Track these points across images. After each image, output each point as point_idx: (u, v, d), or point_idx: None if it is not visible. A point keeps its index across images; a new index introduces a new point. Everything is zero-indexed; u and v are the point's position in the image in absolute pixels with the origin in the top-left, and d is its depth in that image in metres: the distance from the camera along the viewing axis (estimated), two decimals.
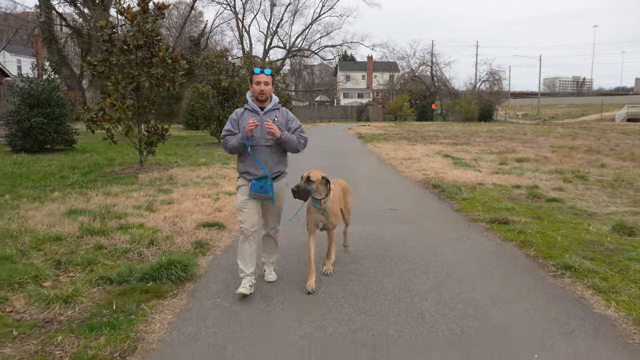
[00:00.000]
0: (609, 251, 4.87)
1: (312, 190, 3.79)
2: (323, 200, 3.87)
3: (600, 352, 2.95)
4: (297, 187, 3.74)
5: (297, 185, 3.76)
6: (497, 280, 4.18)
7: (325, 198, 3.88)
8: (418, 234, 5.72)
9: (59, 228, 5.36)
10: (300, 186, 3.75)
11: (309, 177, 3.79)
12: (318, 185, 3.81)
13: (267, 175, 3.72)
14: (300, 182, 3.78)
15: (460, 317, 3.42)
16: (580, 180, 9.56)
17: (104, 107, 9.32)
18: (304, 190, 3.75)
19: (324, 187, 3.86)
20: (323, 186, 3.85)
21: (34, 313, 3.37)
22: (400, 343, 3.04)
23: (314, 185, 3.79)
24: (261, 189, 3.72)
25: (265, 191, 3.74)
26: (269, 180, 3.75)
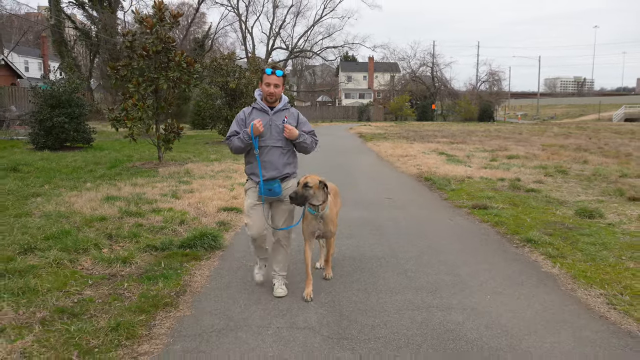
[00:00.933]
0: (567, 229, 5.78)
1: (309, 196, 3.62)
2: (320, 206, 3.71)
3: (539, 296, 3.86)
4: (295, 193, 3.58)
5: (294, 192, 3.59)
6: (470, 250, 5.09)
7: (323, 204, 3.72)
8: (409, 217, 6.64)
9: (102, 211, 6.30)
10: (298, 192, 3.58)
11: (306, 182, 3.61)
12: (315, 191, 3.64)
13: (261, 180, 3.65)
14: (297, 188, 3.62)
15: (435, 273, 4.34)
16: (560, 175, 10.46)
17: (127, 107, 10.25)
18: (301, 196, 3.58)
19: (322, 192, 3.70)
20: (321, 191, 3.69)
21: (100, 270, 4.30)
22: (387, 290, 3.95)
23: (311, 191, 3.62)
24: (269, 191, 3.65)
25: (274, 193, 3.66)
26: (277, 182, 3.66)
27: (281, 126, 3.66)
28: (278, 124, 3.67)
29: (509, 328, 3.26)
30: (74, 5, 36.08)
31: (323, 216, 3.75)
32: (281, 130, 3.66)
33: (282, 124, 3.66)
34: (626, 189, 8.38)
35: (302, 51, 57.87)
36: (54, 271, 4.15)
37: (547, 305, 3.67)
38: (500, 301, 3.72)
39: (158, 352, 2.92)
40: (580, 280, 4.14)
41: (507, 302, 3.71)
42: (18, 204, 6.65)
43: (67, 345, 2.93)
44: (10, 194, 7.38)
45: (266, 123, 3.64)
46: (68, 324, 3.21)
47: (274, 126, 3.66)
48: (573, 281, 4.16)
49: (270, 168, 3.66)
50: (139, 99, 10.23)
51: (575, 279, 4.19)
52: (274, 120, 3.68)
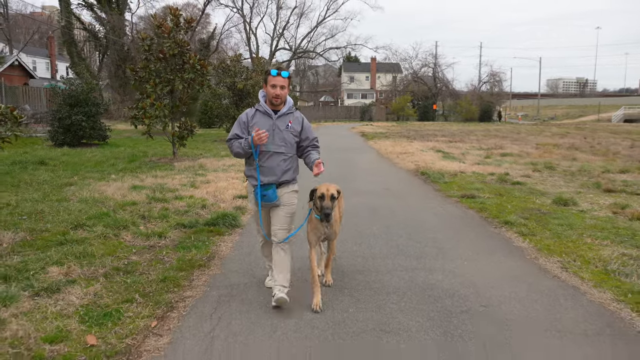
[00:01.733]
0: (542, 214, 6.57)
1: (335, 206, 3.58)
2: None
3: (506, 262, 4.66)
4: (329, 209, 3.47)
5: (327, 207, 3.46)
6: (454, 230, 5.89)
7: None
8: (403, 204, 7.44)
9: (131, 197, 7.11)
10: (330, 207, 3.49)
11: (332, 195, 3.50)
12: (338, 199, 3.62)
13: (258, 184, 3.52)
14: (326, 202, 3.48)
15: (422, 246, 5.13)
16: (548, 170, 11.24)
17: (145, 106, 11.08)
18: (332, 209, 3.51)
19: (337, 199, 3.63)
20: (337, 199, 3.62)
21: (139, 242, 5.11)
22: (381, 257, 4.75)
23: (335, 202, 3.58)
24: (264, 197, 3.50)
25: (269, 199, 3.50)
26: (272, 187, 3.50)
27: (286, 132, 3.52)
28: (282, 128, 3.52)
29: (478, 283, 4.06)
30: (82, 7, 37.03)
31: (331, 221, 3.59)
32: (284, 136, 3.52)
33: (286, 129, 3.53)
34: (604, 183, 9.15)
35: (305, 52, 58.65)
36: (103, 242, 4.97)
37: (512, 269, 4.46)
38: (473, 266, 4.52)
39: (199, 295, 3.73)
40: (543, 252, 4.93)
41: (479, 267, 4.51)
42: (55, 192, 7.48)
43: (128, 291, 3.74)
44: (45, 183, 8.20)
45: (269, 127, 3.48)
46: (125, 277, 4.02)
47: (277, 131, 3.49)
48: (537, 252, 4.95)
49: (268, 174, 3.51)
50: (156, 99, 11.05)
51: (539, 251, 4.98)
52: (278, 125, 3.51)
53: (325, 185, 3.56)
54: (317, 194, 3.54)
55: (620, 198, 7.79)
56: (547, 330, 3.22)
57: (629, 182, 9.42)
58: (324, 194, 3.50)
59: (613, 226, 5.90)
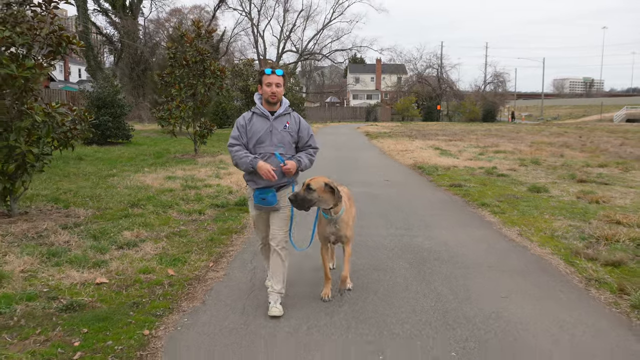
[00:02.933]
0: (515, 198, 7.78)
1: (313, 200, 3.40)
2: (333, 210, 3.53)
3: (476, 232, 5.88)
4: (295, 195, 3.37)
5: (294, 194, 3.38)
6: (439, 210, 7.13)
7: (336, 207, 3.53)
8: (400, 192, 8.68)
9: (167, 185, 8.41)
10: (299, 195, 3.36)
11: (309, 184, 3.40)
12: (321, 194, 3.42)
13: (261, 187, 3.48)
14: (299, 190, 3.42)
15: (411, 221, 6.37)
16: (533, 165, 12.42)
17: (170, 108, 12.39)
18: (302, 199, 3.36)
19: (329, 195, 3.47)
20: (328, 194, 3.47)
21: (184, 217, 6.39)
22: (376, 227, 5.99)
23: (315, 194, 3.40)
24: (263, 200, 3.48)
25: (269, 202, 3.48)
26: (272, 191, 3.46)
27: (283, 132, 3.52)
28: (280, 130, 3.51)
29: (449, 243, 5.29)
30: (98, 12, 38.61)
31: (337, 220, 3.56)
32: (282, 137, 3.51)
33: (283, 129, 3.52)
34: (579, 175, 10.33)
35: (311, 54, 59.96)
36: (156, 216, 6.26)
37: (478, 235, 5.70)
38: (449, 233, 5.75)
39: (240, 250, 5.01)
40: (507, 224, 6.16)
41: (453, 233, 5.74)
42: (102, 181, 8.79)
43: (187, 246, 5.03)
44: (91, 175, 9.52)
45: (266, 129, 3.48)
46: (181, 238, 5.31)
47: (274, 132, 3.49)
48: (503, 225, 6.18)
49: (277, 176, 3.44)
50: (181, 101, 12.37)
51: (504, 224, 6.21)
52: (275, 126, 3.50)
53: (313, 177, 3.52)
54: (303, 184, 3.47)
55: (589, 187, 8.96)
56: (492, 270, 4.46)
57: (603, 174, 10.59)
58: (304, 183, 3.46)
59: (572, 207, 7.11)
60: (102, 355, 2.87)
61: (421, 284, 4.09)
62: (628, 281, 4.02)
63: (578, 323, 3.37)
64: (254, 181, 3.51)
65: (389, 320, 3.41)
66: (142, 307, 3.55)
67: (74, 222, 5.74)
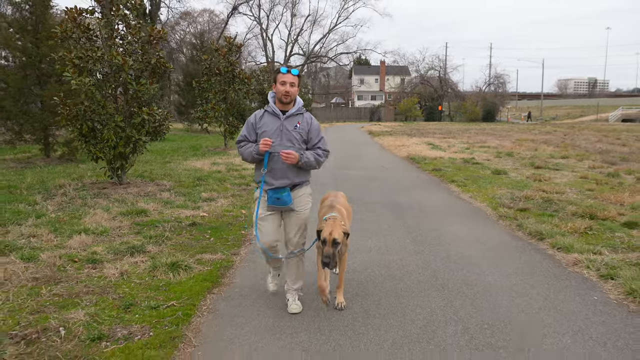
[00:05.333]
0: (479, 178, 10.33)
1: (340, 252, 3.41)
2: None
3: (441, 195, 8.46)
4: (328, 257, 3.26)
5: (327, 256, 3.26)
6: (419, 185, 9.71)
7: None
8: (392, 174, 11.26)
9: (214, 168, 11.04)
10: (331, 255, 3.27)
11: (334, 240, 3.30)
12: (342, 243, 3.39)
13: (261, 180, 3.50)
14: (327, 249, 3.28)
15: (397, 191, 8.96)
16: (506, 156, 14.94)
17: (206, 109, 15.04)
18: (334, 256, 3.30)
19: (346, 239, 3.47)
20: (344, 239, 3.43)
21: (236, 187, 8.98)
22: (371, 193, 8.58)
23: (340, 246, 3.34)
24: (278, 200, 3.44)
25: (284, 202, 3.44)
26: (286, 190, 3.44)
27: (294, 132, 3.47)
28: (290, 129, 3.48)
29: (420, 201, 7.87)
30: None
31: None
32: (292, 137, 3.46)
33: (294, 129, 3.48)
34: (538, 162, 12.86)
35: (318, 57, 62.63)
36: (217, 186, 8.87)
37: (442, 197, 8.28)
38: (422, 197, 8.33)
39: None
40: (465, 192, 8.73)
41: (424, 196, 8.31)
42: (163, 166, 11.44)
43: (247, 201, 7.64)
44: (151, 162, 12.17)
45: (277, 128, 3.46)
46: (242, 198, 7.92)
47: (285, 132, 3.46)
48: (461, 192, 8.75)
49: (280, 176, 3.44)
50: (215, 104, 15.02)
51: (462, 192, 8.78)
52: (286, 126, 3.47)
53: (331, 224, 3.35)
54: (321, 236, 3.35)
55: (541, 171, 11.48)
56: (444, 213, 7.04)
57: (560, 163, 13.10)
58: (326, 239, 3.29)
59: (518, 183, 9.65)
60: (224, 239, 5.48)
61: (397, 219, 6.68)
62: (521, 215, 6.60)
63: (485, 233, 5.94)
64: (267, 182, 3.47)
65: (371, 229, 5.98)
66: (234, 224, 6.16)
67: (165, 188, 8.38)
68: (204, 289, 3.98)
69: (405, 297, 3.90)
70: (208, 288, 4.01)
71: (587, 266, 4.54)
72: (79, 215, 6.24)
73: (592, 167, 12.35)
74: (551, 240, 5.38)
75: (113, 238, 5.38)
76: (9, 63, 11.71)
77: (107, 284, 4.04)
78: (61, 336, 3.08)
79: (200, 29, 55.66)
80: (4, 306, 3.54)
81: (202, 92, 15.33)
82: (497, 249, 5.26)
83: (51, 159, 12.10)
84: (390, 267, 4.61)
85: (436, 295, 3.94)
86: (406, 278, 4.33)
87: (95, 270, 4.36)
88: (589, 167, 12.28)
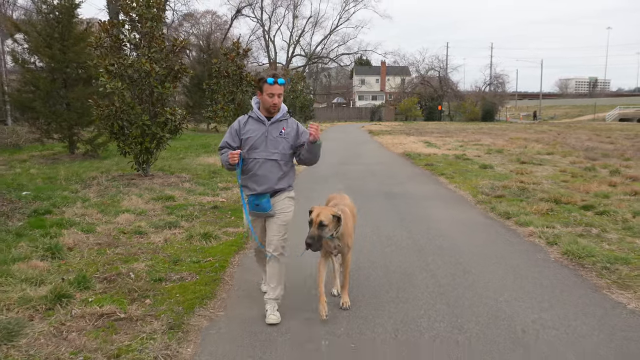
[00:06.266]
0: (468, 172, 11.39)
1: (326, 235, 3.33)
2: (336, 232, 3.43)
3: (430, 186, 9.53)
4: (312, 238, 3.24)
5: (310, 237, 3.24)
6: (412, 177, 10.78)
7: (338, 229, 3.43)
8: (389, 168, 12.33)
9: None
10: (315, 236, 3.25)
11: (321, 222, 3.26)
12: (331, 227, 3.33)
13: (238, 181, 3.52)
14: (312, 230, 3.25)
15: (391, 182, 10.03)
16: (496, 153, 15.99)
17: (216, 109, 16.13)
18: (318, 238, 3.27)
19: (337, 223, 3.39)
20: (336, 223, 3.37)
21: None
22: (367, 183, 9.65)
23: (327, 229, 3.30)
24: (257, 207, 3.45)
25: (263, 209, 3.44)
26: (266, 196, 3.43)
27: (279, 138, 3.45)
28: (275, 135, 3.46)
29: (411, 191, 8.94)
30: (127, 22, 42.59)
31: (338, 236, 3.49)
32: (277, 143, 3.45)
33: (279, 135, 3.46)
34: (523, 158, 13.91)
35: (319, 57, 63.73)
36: (231, 176, 9.94)
37: (431, 187, 9.35)
38: (413, 187, 9.40)
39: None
40: (452, 183, 9.80)
41: (415, 187, 9.38)
42: (179, 161, 12.51)
43: None
44: (167, 158, 13.26)
45: (261, 134, 3.46)
46: None
47: (270, 138, 3.44)
48: (448, 183, 9.81)
49: (262, 182, 3.44)
50: (224, 105, 16.10)
51: (450, 183, 9.85)
52: (270, 132, 3.46)
53: (320, 208, 3.38)
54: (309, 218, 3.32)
55: (525, 166, 12.54)
56: (430, 199, 8.11)
57: (544, 159, 14.15)
58: (313, 220, 3.29)
59: (501, 175, 10.71)
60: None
61: (389, 204, 7.75)
62: (496, 201, 7.68)
63: (462, 214, 7.00)
64: (248, 187, 3.49)
65: (367, 210, 7.04)
66: None
67: (185, 179, 9.47)
68: (232, 251, 5.06)
69: (390, 255, 4.97)
70: (235, 250, 5.09)
71: (539, 236, 5.62)
72: (118, 200, 7.33)
73: (573, 162, 13.40)
74: (516, 219, 6.45)
75: (151, 217, 6.46)
76: (37, 67, 12.80)
77: (155, 247, 5.13)
78: (132, 278, 4.16)
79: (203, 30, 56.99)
80: (82, 260, 4.62)
81: (212, 93, 16.40)
82: (470, 226, 6.33)
83: (75, 155, 13.19)
84: (380, 236, 5.69)
85: (414, 255, 5.01)
86: (392, 244, 5.40)
87: (143, 238, 5.45)
88: (570, 163, 13.33)
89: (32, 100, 12.26)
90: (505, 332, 3.29)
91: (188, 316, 3.46)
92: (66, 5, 12.24)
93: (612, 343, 3.14)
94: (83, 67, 12.60)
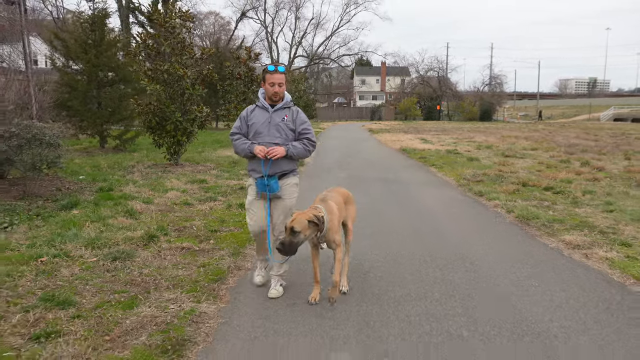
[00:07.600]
0: (455, 163, 12.92)
1: (300, 241, 3.34)
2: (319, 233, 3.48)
3: (421, 174, 11.07)
4: (282, 244, 3.30)
5: (281, 242, 3.31)
6: (406, 167, 12.32)
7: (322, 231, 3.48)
8: (385, 161, 13.87)
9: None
10: (285, 242, 3.29)
11: (292, 228, 3.30)
12: (306, 232, 3.35)
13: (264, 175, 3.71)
14: (284, 237, 3.34)
15: (387, 172, 11.57)
16: (485, 149, 17.52)
17: (229, 108, 17.67)
18: (290, 244, 3.29)
19: (315, 227, 3.41)
20: (314, 228, 3.40)
21: None
22: (367, 172, 11.18)
23: (302, 235, 3.32)
24: (267, 187, 3.72)
25: (272, 189, 3.72)
26: (274, 178, 3.72)
27: (281, 124, 3.77)
28: (278, 121, 3.77)
29: (404, 178, 10.47)
30: (135, 24, 44.24)
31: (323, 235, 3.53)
32: (280, 128, 3.76)
33: (281, 121, 3.76)
34: (508, 153, 15.44)
35: (321, 58, 65.26)
36: None
37: (421, 175, 10.89)
38: (405, 175, 10.93)
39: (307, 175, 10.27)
40: (440, 171, 11.33)
41: (408, 175, 10.91)
42: (200, 154, 14.05)
43: None
44: (188, 151, 14.78)
45: (265, 120, 3.77)
46: None
47: (272, 123, 3.75)
48: (437, 172, 11.35)
49: (270, 165, 3.72)
50: (237, 104, 17.64)
51: (438, 171, 11.38)
52: (273, 118, 3.76)
53: (297, 214, 3.44)
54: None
55: (508, 159, 14.06)
56: (420, 184, 9.65)
57: (527, 154, 15.67)
58: (286, 226, 3.37)
59: (484, 166, 12.23)
60: None
61: (384, 187, 9.28)
62: (474, 184, 9.22)
63: (445, 194, 8.53)
64: (256, 170, 3.77)
65: (366, 192, 8.56)
66: None
67: (210, 168, 11.00)
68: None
69: (385, 222, 6.51)
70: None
71: (502, 207, 7.16)
72: (162, 182, 8.86)
73: (552, 156, 14.93)
74: (487, 196, 7.99)
75: (192, 194, 8.00)
76: (73, 71, 14.33)
77: (204, 212, 6.67)
78: (195, 229, 5.71)
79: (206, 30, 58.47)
80: (152, 220, 6.16)
81: (225, 93, 17.95)
82: (450, 202, 7.87)
83: (106, 149, 14.73)
84: (375, 210, 7.22)
85: (403, 220, 6.55)
86: (385, 216, 6.94)
87: (192, 207, 6.99)
88: (549, 156, 14.86)
89: (68, 100, 13.78)
90: (459, 258, 4.82)
91: (243, 248, 5.01)
92: (99, 15, 13.77)
93: (530, 262, 4.68)
94: (113, 70, 14.14)
